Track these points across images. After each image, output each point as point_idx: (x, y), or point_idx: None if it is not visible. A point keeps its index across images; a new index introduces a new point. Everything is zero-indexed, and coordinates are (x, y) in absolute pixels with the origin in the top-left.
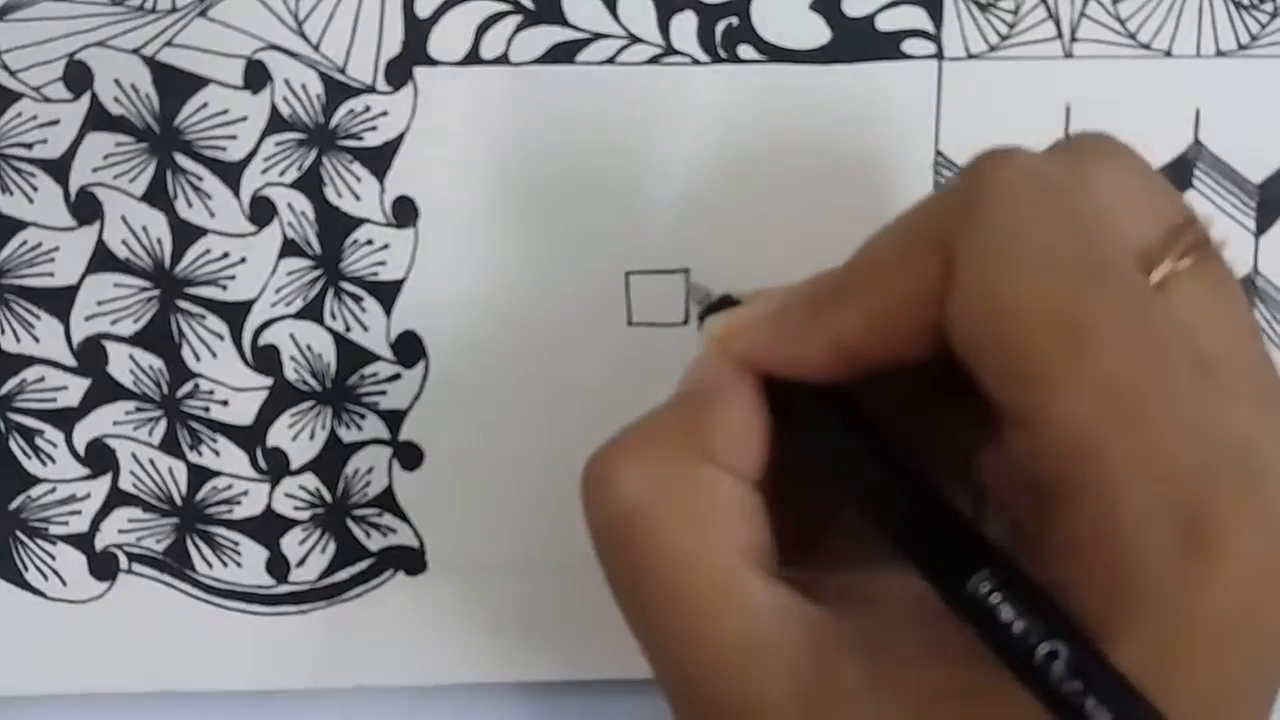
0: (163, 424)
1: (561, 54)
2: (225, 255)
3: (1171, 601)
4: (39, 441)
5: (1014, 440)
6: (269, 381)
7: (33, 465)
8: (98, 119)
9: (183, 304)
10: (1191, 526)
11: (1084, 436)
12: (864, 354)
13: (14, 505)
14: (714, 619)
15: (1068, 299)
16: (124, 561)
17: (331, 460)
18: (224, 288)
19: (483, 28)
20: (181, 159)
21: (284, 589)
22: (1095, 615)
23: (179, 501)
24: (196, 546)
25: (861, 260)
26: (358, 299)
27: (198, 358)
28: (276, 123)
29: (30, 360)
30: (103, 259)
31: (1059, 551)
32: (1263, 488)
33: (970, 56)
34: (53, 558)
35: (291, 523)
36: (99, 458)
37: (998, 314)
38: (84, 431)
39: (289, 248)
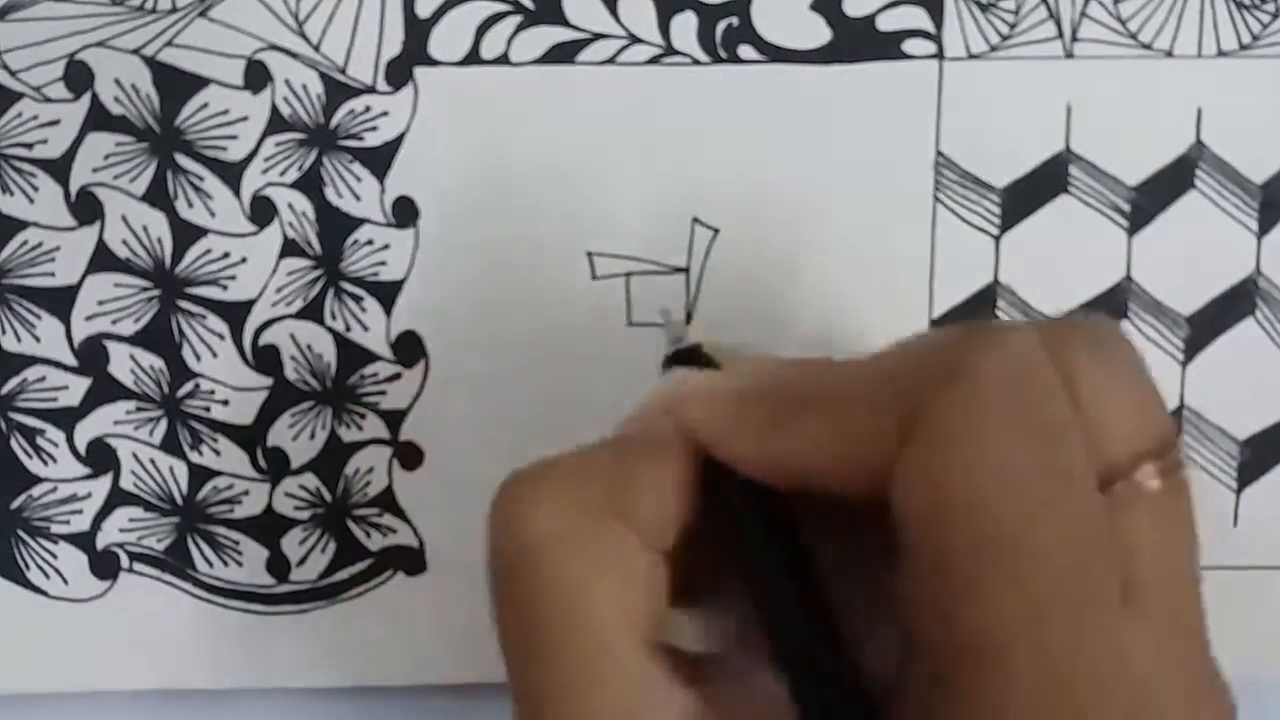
0: (163, 423)
1: (561, 54)
2: (226, 255)
3: None
4: (40, 441)
5: (921, 619)
6: (269, 381)
7: (34, 465)
8: (98, 119)
9: (183, 304)
10: None
11: (986, 649)
12: (806, 477)
13: (15, 504)
14: (587, 685)
15: (1011, 509)
16: (125, 560)
17: (332, 460)
18: (224, 287)
19: (483, 28)
20: (182, 159)
21: (284, 588)
22: None
23: (180, 501)
24: (197, 546)
25: (830, 385)
26: (358, 299)
27: (198, 357)
28: (277, 123)
29: (31, 360)
30: (103, 259)
31: None
32: None
33: (971, 56)
34: (54, 557)
35: (292, 522)
36: (100, 457)
37: (940, 499)
38: (85, 431)
39: (289, 248)
